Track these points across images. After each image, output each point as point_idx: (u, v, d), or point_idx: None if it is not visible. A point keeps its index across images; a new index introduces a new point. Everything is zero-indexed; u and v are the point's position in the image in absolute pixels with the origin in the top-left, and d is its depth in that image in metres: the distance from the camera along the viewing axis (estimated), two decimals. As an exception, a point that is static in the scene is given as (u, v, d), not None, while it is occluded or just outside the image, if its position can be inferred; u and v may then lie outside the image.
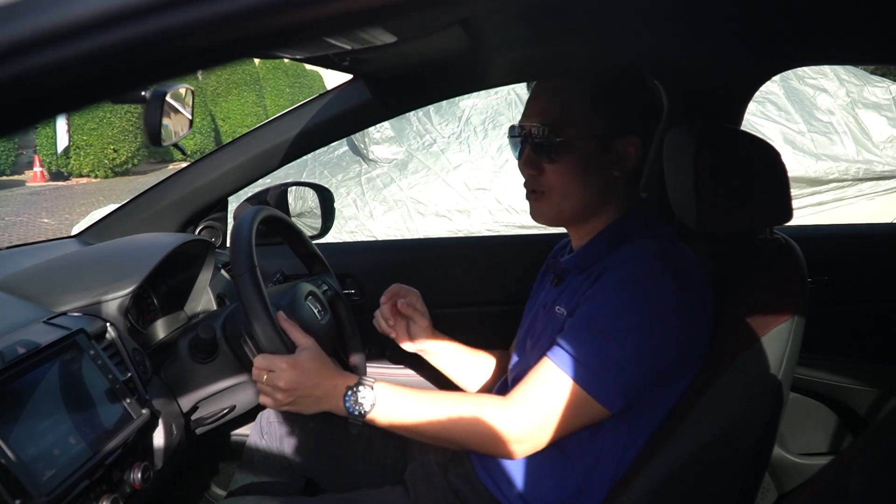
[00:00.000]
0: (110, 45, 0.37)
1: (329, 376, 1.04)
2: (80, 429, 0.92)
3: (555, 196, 1.08)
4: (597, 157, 1.06)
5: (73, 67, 0.38)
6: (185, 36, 0.39)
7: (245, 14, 0.38)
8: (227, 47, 0.41)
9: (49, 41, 0.38)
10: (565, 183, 1.07)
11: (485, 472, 1.14)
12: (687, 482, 0.99)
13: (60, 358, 0.95)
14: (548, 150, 1.05)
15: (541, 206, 1.11)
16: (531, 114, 1.09)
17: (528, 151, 1.08)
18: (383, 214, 3.90)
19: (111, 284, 1.13)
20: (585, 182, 1.07)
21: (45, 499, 0.81)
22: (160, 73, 0.44)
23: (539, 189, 1.09)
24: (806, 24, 1.07)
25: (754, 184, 1.07)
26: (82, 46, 0.38)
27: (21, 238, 7.45)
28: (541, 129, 1.05)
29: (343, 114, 1.50)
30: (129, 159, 12.37)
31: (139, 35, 0.37)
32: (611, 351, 0.96)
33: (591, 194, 1.08)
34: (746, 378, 0.99)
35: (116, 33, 0.37)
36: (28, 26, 0.38)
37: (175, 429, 1.13)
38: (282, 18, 0.39)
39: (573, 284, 1.09)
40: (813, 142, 3.85)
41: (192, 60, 0.42)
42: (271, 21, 0.39)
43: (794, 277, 1.04)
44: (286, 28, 0.40)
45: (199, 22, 0.38)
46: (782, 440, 1.63)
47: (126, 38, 0.37)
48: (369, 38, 0.85)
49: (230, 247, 1.09)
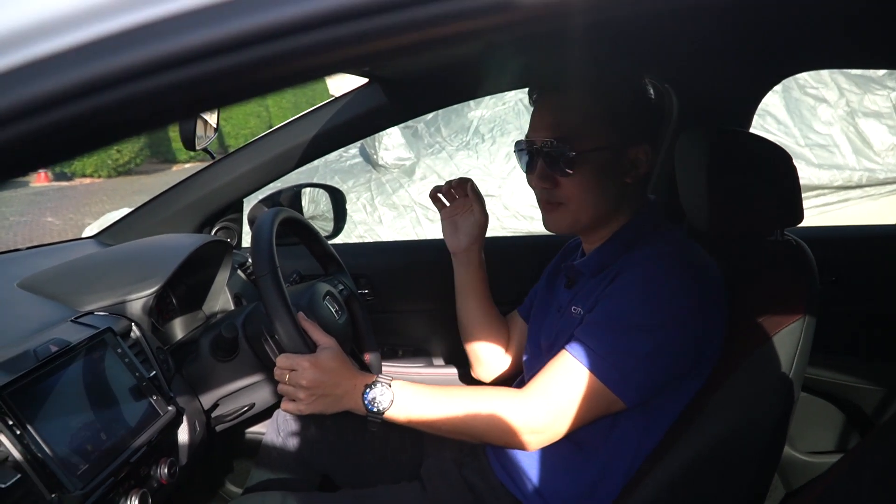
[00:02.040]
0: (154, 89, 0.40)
1: (349, 376, 1.06)
2: (109, 425, 0.94)
3: (571, 206, 1.09)
4: (610, 167, 1.07)
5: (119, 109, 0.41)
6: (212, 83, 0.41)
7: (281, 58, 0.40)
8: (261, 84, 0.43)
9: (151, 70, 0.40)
10: (580, 194, 1.08)
11: (500, 467, 1.16)
12: (699, 479, 1.00)
13: (89, 356, 0.97)
14: (562, 163, 1.06)
15: (556, 218, 1.12)
16: (541, 127, 1.09)
17: (541, 165, 1.09)
18: (393, 220, 3.94)
19: (135, 284, 1.15)
20: (600, 191, 1.08)
21: (80, 492, 0.83)
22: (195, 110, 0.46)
23: (554, 201, 1.11)
24: (814, 29, 1.08)
25: (766, 186, 1.09)
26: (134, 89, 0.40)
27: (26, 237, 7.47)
28: (553, 142, 1.06)
29: (358, 117, 1.52)
30: (133, 159, 12.40)
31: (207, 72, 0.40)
32: (629, 346, 0.98)
33: (605, 203, 1.10)
34: (758, 377, 1.00)
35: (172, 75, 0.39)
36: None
37: (198, 425, 1.15)
38: (331, 56, 0.41)
39: (588, 286, 1.11)
40: (813, 153, 3.88)
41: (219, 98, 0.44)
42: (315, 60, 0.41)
43: (805, 278, 1.05)
44: (330, 64, 0.42)
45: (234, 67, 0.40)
46: (790, 439, 1.65)
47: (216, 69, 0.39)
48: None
49: (251, 248, 1.11)
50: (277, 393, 1.25)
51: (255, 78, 0.41)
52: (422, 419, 1.04)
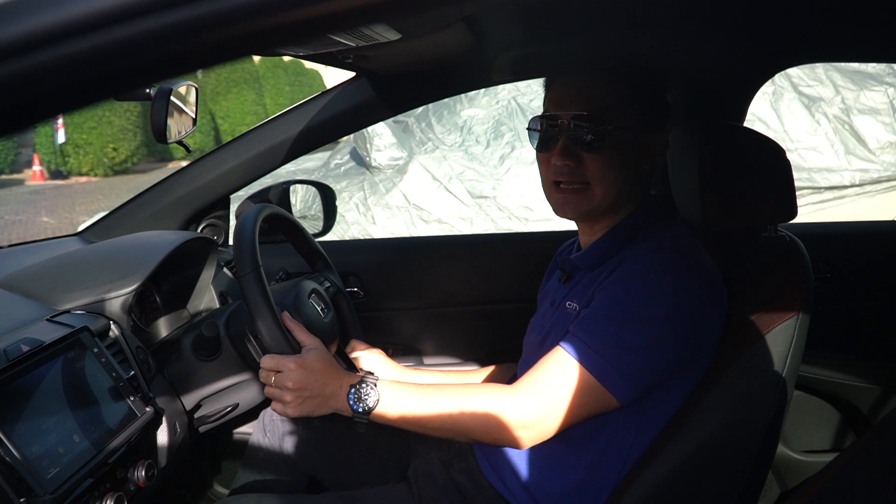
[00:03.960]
0: (110, 44, 0.37)
1: (336, 376, 1.04)
2: (84, 427, 0.92)
3: (595, 186, 1.06)
4: (632, 149, 1.06)
5: (72, 66, 0.38)
6: (184, 35, 0.38)
7: (247, 12, 0.38)
8: (230, 45, 0.41)
9: (48, 40, 0.38)
10: (604, 173, 1.05)
11: (489, 467, 1.14)
12: (691, 478, 0.99)
13: (64, 356, 0.95)
14: (589, 140, 1.04)
15: (576, 199, 1.08)
16: (568, 103, 1.06)
17: (566, 141, 1.05)
18: (386, 220, 3.93)
19: (114, 282, 1.12)
20: (622, 173, 1.06)
21: (50, 497, 0.80)
22: (160, 71, 0.44)
23: (576, 180, 1.07)
24: (809, 21, 1.06)
25: (759, 181, 1.07)
26: (81, 45, 0.37)
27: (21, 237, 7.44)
28: (583, 116, 1.04)
29: (346, 111, 1.50)
30: (129, 158, 12.37)
31: (140, 33, 0.37)
32: (625, 339, 0.96)
33: (625, 185, 1.08)
34: (750, 375, 0.99)
35: (119, 31, 0.37)
36: (27, 26, 0.38)
37: (179, 427, 1.13)
38: (284, 16, 0.39)
39: (585, 280, 1.09)
40: (801, 157, 3.87)
41: (193, 59, 0.42)
42: (273, 19, 0.39)
43: (799, 274, 1.04)
44: (288, 25, 0.40)
45: (198, 19, 0.38)
46: (785, 438, 1.63)
47: (128, 36, 0.37)
48: (373, 35, 0.85)
49: (234, 246, 1.09)
50: (262, 393, 1.23)
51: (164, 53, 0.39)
52: (409, 418, 1.02)
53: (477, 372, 1.43)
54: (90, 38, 0.37)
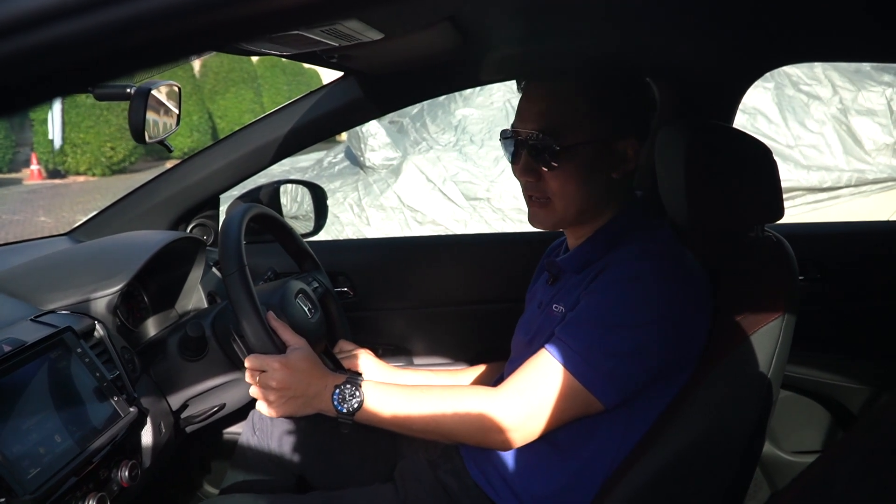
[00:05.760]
0: (64, 38, 0.36)
1: (320, 376, 1.04)
2: (67, 427, 0.92)
3: (555, 202, 1.06)
4: (597, 161, 1.04)
5: (23, 61, 0.38)
6: (132, 30, 0.38)
7: (196, 6, 0.37)
8: (182, 40, 0.40)
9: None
10: (565, 189, 1.04)
11: (475, 467, 1.13)
12: (676, 479, 0.99)
13: (47, 356, 0.95)
14: (546, 157, 1.02)
15: (540, 213, 1.08)
16: (527, 118, 1.05)
17: (526, 157, 1.05)
18: (381, 222, 3.92)
19: (100, 282, 1.12)
20: (586, 187, 1.05)
21: (30, 497, 0.80)
22: (115, 68, 0.43)
23: (538, 195, 1.07)
24: (797, 21, 1.06)
25: (745, 181, 1.07)
26: (28, 40, 0.37)
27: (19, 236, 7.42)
28: (538, 134, 1.02)
29: (334, 111, 1.49)
30: (127, 157, 12.33)
31: (94, 27, 0.36)
32: (609, 344, 0.96)
33: (591, 198, 1.06)
34: (735, 376, 0.99)
35: (74, 24, 0.36)
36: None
37: (164, 427, 1.12)
38: (229, 11, 0.38)
39: (570, 283, 1.09)
40: (802, 154, 3.86)
41: (144, 56, 0.41)
42: (220, 14, 0.38)
43: (785, 275, 1.03)
44: (236, 21, 0.39)
45: (145, 14, 0.37)
46: (775, 438, 1.63)
47: (81, 30, 0.36)
48: (355, 35, 0.85)
49: (219, 246, 1.09)
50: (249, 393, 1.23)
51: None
52: (393, 419, 1.02)
53: (466, 372, 1.42)
54: (38, 32, 0.36)
